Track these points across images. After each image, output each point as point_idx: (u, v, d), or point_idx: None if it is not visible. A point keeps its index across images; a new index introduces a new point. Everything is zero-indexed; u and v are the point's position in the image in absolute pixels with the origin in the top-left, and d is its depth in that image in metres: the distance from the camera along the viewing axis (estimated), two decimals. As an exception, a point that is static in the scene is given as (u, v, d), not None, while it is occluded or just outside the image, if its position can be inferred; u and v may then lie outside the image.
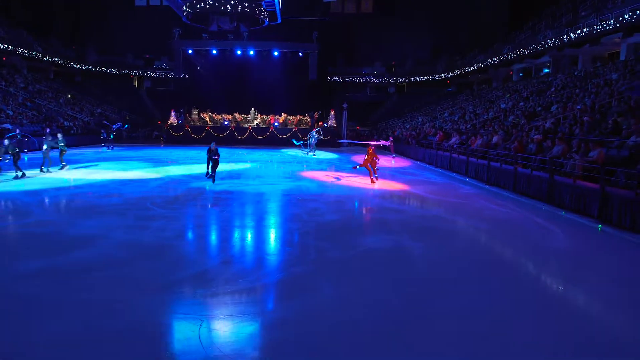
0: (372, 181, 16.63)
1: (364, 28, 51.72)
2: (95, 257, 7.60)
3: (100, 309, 5.61)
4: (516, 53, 35.94)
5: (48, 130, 28.11)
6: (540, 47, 32.71)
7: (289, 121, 38.10)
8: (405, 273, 7.29)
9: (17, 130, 23.68)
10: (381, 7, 51.57)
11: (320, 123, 37.85)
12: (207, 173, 15.85)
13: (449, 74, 48.58)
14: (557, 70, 32.14)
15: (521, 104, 26.58)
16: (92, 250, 7.94)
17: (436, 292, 6.48)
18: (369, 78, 53.47)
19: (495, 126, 21.94)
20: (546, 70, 36.04)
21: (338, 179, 18.01)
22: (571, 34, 29.03)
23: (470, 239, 9.95)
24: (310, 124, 37.30)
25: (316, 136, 28.91)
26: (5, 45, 38.50)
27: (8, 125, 25.03)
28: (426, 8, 49.48)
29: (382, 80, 53.71)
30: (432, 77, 51.39)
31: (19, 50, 40.21)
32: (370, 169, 16.67)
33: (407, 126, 37.76)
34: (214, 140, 16.42)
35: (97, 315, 5.44)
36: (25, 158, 21.25)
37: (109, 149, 29.21)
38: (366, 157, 16.65)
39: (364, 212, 12.00)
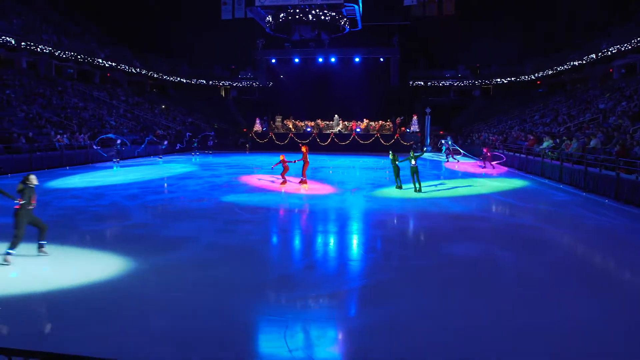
0: (283, 183, 16.81)
1: (446, 30, 50.31)
2: (186, 258, 8.03)
3: (190, 308, 5.89)
4: (617, 48, 33.16)
5: (148, 138, 30.21)
6: (646, 40, 29.91)
7: (371, 127, 37.97)
8: (494, 283, 6.94)
9: (118, 141, 25.60)
10: (464, 9, 49.92)
11: (403, 128, 37.38)
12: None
13: (538, 74, 45.87)
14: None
15: (623, 103, 24.45)
16: (184, 252, 8.40)
17: (528, 306, 6.08)
18: (452, 82, 51.96)
19: (593, 128, 20.38)
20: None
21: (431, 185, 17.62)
22: (683, 25, 26.29)
23: (566, 249, 9.25)
24: (392, 129, 36.95)
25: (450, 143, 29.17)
26: (110, 63, 42.15)
27: (112, 135, 27.24)
28: (511, 6, 47.21)
29: (466, 83, 51.96)
30: (520, 79, 48.83)
31: (121, 66, 43.82)
32: (285, 170, 16.75)
33: (494, 130, 36.17)
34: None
35: (187, 314, 5.72)
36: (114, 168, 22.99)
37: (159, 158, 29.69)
38: (302, 158, 16.48)
39: (449, 219, 11.61)
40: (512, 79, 49.43)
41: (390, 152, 16.22)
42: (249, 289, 6.60)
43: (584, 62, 37.63)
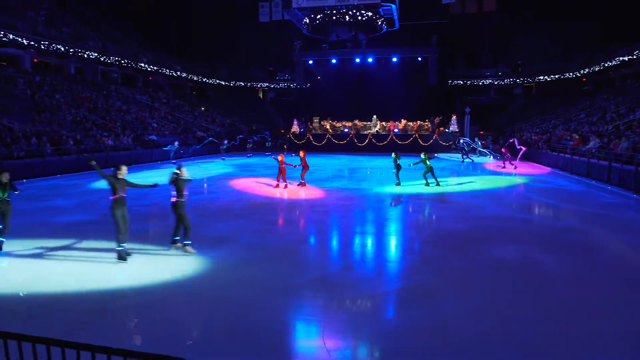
0: (277, 186, 16.68)
1: (487, 28, 49.16)
2: (227, 258, 8.14)
3: (229, 307, 5.99)
4: (670, 43, 31.53)
5: (194, 147, 30.58)
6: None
7: (409, 127, 37.49)
8: (535, 287, 6.71)
9: (176, 144, 26.17)
10: (505, 5, 48.63)
11: (442, 129, 36.74)
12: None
13: (584, 71, 44.15)
14: None
15: (677, 100, 23.25)
16: (225, 251, 8.52)
17: (573, 312, 5.86)
18: (493, 80, 50.69)
19: (643, 127, 19.47)
20: None
21: (460, 184, 17.28)
22: None
23: (616, 254, 8.86)
24: (431, 129, 36.40)
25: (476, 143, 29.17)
26: (152, 67, 43.46)
27: (154, 137, 27.99)
28: (553, 1, 45.67)
29: (507, 81, 50.57)
30: (564, 76, 47.13)
31: (162, 70, 45.09)
32: (282, 173, 16.45)
33: (537, 130, 35.08)
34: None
35: (226, 313, 5.81)
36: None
37: (223, 159, 30.27)
38: (301, 162, 16.82)
39: (488, 220, 11.34)
40: (556, 76, 47.79)
41: (393, 153, 17.53)
42: (287, 289, 6.65)
43: (635, 57, 35.99)
